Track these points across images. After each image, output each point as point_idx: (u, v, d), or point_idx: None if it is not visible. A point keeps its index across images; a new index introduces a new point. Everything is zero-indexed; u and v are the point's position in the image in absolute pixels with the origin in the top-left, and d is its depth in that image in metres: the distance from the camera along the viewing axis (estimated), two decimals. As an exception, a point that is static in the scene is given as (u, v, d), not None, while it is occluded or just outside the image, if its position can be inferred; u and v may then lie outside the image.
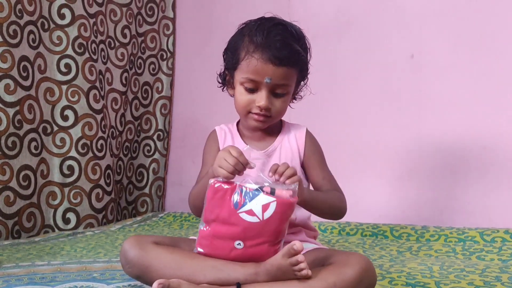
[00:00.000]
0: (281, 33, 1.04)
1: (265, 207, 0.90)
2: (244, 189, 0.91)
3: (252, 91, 1.06)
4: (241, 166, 0.93)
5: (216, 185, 0.93)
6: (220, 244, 0.93)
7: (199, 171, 1.16)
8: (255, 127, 1.11)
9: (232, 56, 1.09)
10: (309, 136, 1.17)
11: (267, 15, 1.13)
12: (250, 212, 0.90)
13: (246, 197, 0.90)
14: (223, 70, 1.16)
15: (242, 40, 1.07)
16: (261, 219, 0.90)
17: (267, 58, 1.02)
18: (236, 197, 0.91)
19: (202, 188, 1.01)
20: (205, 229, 0.95)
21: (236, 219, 0.91)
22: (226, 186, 0.92)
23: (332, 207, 1.09)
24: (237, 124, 1.19)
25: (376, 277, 0.91)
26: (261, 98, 1.05)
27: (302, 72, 1.11)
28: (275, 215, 0.90)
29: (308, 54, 1.12)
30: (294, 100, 1.18)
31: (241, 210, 0.90)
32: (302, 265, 0.86)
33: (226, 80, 1.15)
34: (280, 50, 1.02)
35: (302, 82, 1.15)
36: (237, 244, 0.92)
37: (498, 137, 1.69)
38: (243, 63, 1.05)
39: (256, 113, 1.07)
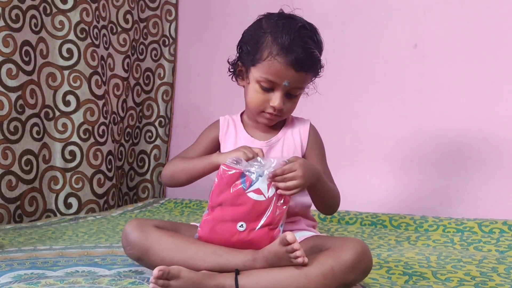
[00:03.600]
0: (305, 39, 1.06)
1: (269, 185, 0.97)
2: (250, 172, 0.97)
3: (267, 90, 1.08)
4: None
5: (224, 169, 0.97)
6: (222, 228, 0.96)
7: (188, 147, 1.19)
8: (264, 124, 1.14)
9: (251, 52, 1.08)
10: (313, 131, 1.18)
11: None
12: (258, 191, 0.96)
13: (253, 178, 0.96)
14: (235, 61, 1.15)
15: (264, 38, 1.07)
16: (266, 197, 0.95)
17: (289, 63, 1.03)
18: (244, 179, 0.96)
19: (193, 168, 1.09)
20: (208, 217, 0.98)
21: (244, 199, 0.95)
22: (234, 171, 0.97)
23: (333, 199, 1.12)
24: (241, 114, 1.20)
25: (372, 261, 0.93)
26: (276, 99, 1.07)
27: (316, 74, 1.14)
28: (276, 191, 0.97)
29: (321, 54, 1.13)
30: None
31: (249, 190, 0.96)
32: (297, 253, 0.87)
33: (238, 70, 1.15)
34: (303, 57, 1.04)
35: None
36: (240, 226, 0.95)
37: (500, 128, 1.69)
38: (264, 63, 1.05)
39: (269, 113, 1.09)
